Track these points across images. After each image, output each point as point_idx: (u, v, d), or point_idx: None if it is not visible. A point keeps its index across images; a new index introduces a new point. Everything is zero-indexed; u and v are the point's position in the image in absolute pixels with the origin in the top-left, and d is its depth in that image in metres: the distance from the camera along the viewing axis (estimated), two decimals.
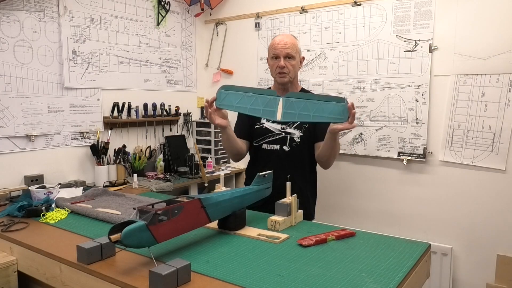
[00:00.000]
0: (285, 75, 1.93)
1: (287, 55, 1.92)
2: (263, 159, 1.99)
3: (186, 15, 3.32)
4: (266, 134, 2.00)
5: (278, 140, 1.98)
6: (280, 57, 1.92)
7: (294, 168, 1.94)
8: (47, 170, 2.40)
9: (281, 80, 1.95)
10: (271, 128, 1.98)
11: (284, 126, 1.96)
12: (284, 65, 1.91)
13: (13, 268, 1.50)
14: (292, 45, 1.94)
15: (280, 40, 1.95)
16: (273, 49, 1.96)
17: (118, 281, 1.12)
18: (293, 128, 1.97)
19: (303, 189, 1.96)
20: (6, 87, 2.22)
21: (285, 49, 1.92)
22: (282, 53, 1.92)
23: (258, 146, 2.03)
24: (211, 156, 3.33)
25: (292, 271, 1.15)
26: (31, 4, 2.32)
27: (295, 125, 1.97)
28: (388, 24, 2.56)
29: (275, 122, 1.95)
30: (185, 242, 1.36)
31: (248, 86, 1.71)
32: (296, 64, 1.97)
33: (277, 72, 1.95)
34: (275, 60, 1.95)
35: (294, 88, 2.04)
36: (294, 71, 1.97)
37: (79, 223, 1.65)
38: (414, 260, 1.24)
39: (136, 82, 2.95)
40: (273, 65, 1.97)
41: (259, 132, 2.02)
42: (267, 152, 2.00)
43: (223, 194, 1.44)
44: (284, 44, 1.93)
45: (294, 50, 1.94)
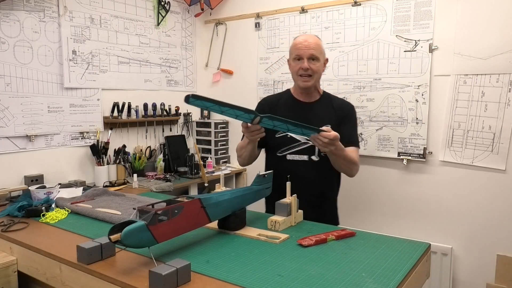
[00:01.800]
0: (309, 78, 1.79)
1: (311, 56, 1.77)
2: (288, 171, 1.70)
3: (186, 15, 3.32)
4: (291, 144, 1.82)
5: (305, 150, 1.80)
6: (304, 58, 1.77)
7: (324, 179, 1.85)
8: (47, 170, 2.40)
9: (304, 84, 1.81)
10: (297, 137, 1.74)
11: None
12: (308, 67, 1.77)
13: (13, 268, 1.50)
14: (317, 46, 1.80)
15: (304, 40, 1.80)
16: (296, 49, 1.80)
17: (118, 281, 1.12)
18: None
19: (331, 198, 1.93)
20: (6, 87, 2.22)
21: (309, 50, 1.77)
22: (306, 54, 1.77)
23: (281, 157, 1.85)
24: (211, 156, 3.33)
25: (292, 271, 1.15)
26: (31, 4, 2.32)
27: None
28: (388, 24, 2.56)
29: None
30: (185, 242, 1.36)
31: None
32: (320, 66, 1.82)
33: (299, 74, 1.80)
34: (297, 62, 1.80)
35: (316, 92, 1.90)
36: (318, 74, 1.82)
37: (79, 223, 1.65)
38: (414, 260, 1.24)
39: (136, 82, 2.95)
40: (295, 66, 1.82)
41: (282, 142, 1.82)
42: (293, 163, 1.82)
43: (223, 194, 1.44)
44: (309, 45, 1.77)
45: (318, 51, 1.79)
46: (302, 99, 1.89)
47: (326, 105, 1.89)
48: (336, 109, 1.87)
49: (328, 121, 1.73)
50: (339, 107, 1.90)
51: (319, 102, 1.90)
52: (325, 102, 1.90)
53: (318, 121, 1.71)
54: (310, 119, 1.76)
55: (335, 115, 1.85)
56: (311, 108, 1.88)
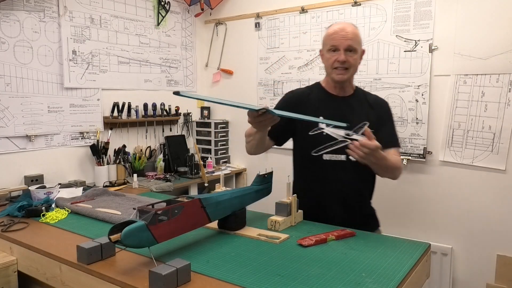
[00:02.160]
0: (345, 71, 1.62)
1: (349, 47, 1.60)
2: (325, 172, 1.64)
3: (186, 15, 3.32)
4: (328, 143, 1.63)
5: (343, 149, 1.57)
6: (341, 49, 1.59)
7: (362, 181, 1.72)
8: (47, 170, 2.40)
9: (340, 78, 1.64)
10: (334, 134, 1.60)
11: (350, 132, 1.57)
12: (345, 59, 1.59)
13: (13, 268, 1.50)
14: (355, 36, 1.62)
15: (340, 29, 1.61)
16: (331, 39, 1.62)
17: (118, 281, 1.12)
18: (360, 135, 1.57)
19: (368, 201, 1.80)
20: (6, 87, 2.22)
21: (346, 41, 1.59)
22: (343, 45, 1.59)
23: (317, 156, 1.66)
24: (211, 156, 3.33)
25: (292, 271, 1.15)
26: (31, 4, 2.32)
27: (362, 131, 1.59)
28: (388, 24, 2.56)
29: (338, 127, 1.58)
30: (185, 242, 1.36)
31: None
32: (357, 59, 1.65)
33: (335, 67, 1.62)
34: (332, 53, 1.62)
35: (350, 87, 1.74)
36: (355, 67, 1.65)
37: (79, 223, 1.65)
38: (414, 260, 1.24)
39: (136, 82, 2.95)
40: (329, 58, 1.63)
41: (317, 140, 1.65)
42: (330, 164, 1.65)
43: (223, 194, 1.44)
44: (346, 34, 1.59)
45: (356, 42, 1.62)
46: (335, 93, 1.72)
47: (362, 101, 1.72)
48: (373, 106, 1.72)
49: (366, 118, 1.62)
50: (377, 104, 1.74)
51: (354, 97, 1.73)
52: (360, 98, 1.74)
53: (356, 117, 1.62)
54: (347, 114, 1.63)
55: (373, 113, 1.69)
56: (348, 103, 1.70)
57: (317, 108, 1.67)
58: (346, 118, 1.54)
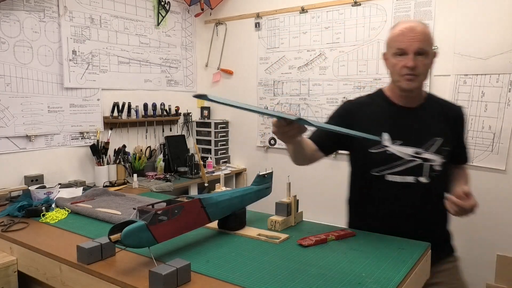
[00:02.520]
0: (415, 78, 1.37)
1: (419, 50, 1.35)
2: (390, 194, 1.43)
3: (186, 15, 3.32)
4: (393, 162, 1.42)
5: (411, 170, 1.40)
6: (409, 53, 1.35)
7: (435, 205, 1.45)
8: (47, 170, 2.40)
9: (409, 85, 1.38)
10: (400, 153, 1.40)
11: (419, 150, 1.39)
12: (414, 65, 1.35)
13: (13, 268, 1.50)
14: (426, 37, 1.37)
15: (408, 29, 1.37)
16: (397, 41, 1.38)
17: (118, 281, 1.12)
18: (432, 154, 1.40)
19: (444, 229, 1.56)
20: (6, 87, 2.22)
21: (416, 42, 1.34)
22: (412, 48, 1.35)
23: (379, 176, 1.44)
24: (211, 156, 3.33)
25: (292, 271, 1.15)
26: (31, 4, 2.32)
27: (434, 149, 1.41)
28: (388, 24, 2.56)
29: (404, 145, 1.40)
30: (185, 242, 1.36)
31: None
32: (429, 63, 1.40)
33: (403, 73, 1.37)
34: (399, 58, 1.38)
35: (420, 96, 1.48)
36: (425, 72, 1.40)
37: (79, 223, 1.65)
38: (414, 260, 1.24)
39: (136, 82, 2.95)
40: (396, 64, 1.39)
41: (380, 158, 1.43)
42: (395, 186, 1.42)
43: (223, 194, 1.44)
44: (415, 36, 1.35)
45: (427, 43, 1.37)
46: (402, 103, 1.46)
47: (434, 112, 1.47)
48: (448, 117, 1.48)
49: (439, 132, 1.42)
50: (452, 113, 1.50)
51: (425, 107, 1.47)
52: (433, 108, 1.48)
53: (427, 132, 1.42)
54: (416, 130, 1.43)
55: (448, 125, 1.47)
56: (417, 115, 1.45)
57: (378, 122, 1.45)
58: (414, 134, 1.38)
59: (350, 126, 1.37)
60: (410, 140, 1.41)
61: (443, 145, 1.42)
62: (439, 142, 1.41)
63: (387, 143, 1.42)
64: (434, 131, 1.43)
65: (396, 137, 1.41)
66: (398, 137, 1.41)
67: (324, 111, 2.87)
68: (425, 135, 1.41)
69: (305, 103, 2.96)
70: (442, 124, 1.46)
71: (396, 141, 1.41)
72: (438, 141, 1.41)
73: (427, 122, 1.45)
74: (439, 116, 1.47)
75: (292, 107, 3.03)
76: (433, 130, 1.43)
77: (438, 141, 1.41)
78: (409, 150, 1.40)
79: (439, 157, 1.41)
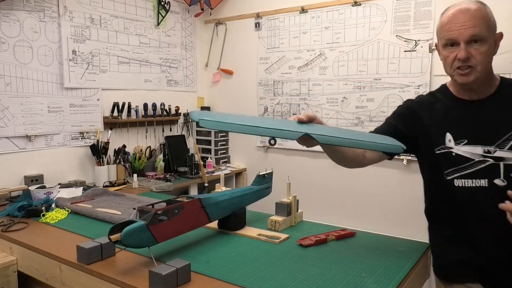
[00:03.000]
0: (471, 71, 1.20)
1: (472, 37, 1.17)
2: (461, 201, 1.25)
3: (186, 15, 3.32)
4: (460, 165, 1.25)
5: (483, 172, 1.22)
6: (460, 42, 1.19)
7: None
8: (47, 170, 2.40)
9: (464, 80, 1.22)
10: (468, 154, 1.24)
11: (491, 149, 1.22)
12: (466, 56, 1.18)
13: (13, 268, 1.50)
14: (480, 20, 1.18)
15: (457, 15, 1.19)
16: (446, 31, 1.21)
17: (118, 281, 1.12)
18: (507, 150, 1.21)
19: None
20: (6, 87, 2.22)
21: (467, 29, 1.17)
22: (462, 37, 1.18)
23: (447, 181, 1.26)
24: (211, 156, 3.33)
25: (292, 271, 1.15)
26: (31, 4, 2.31)
27: (510, 145, 1.21)
28: (388, 24, 2.56)
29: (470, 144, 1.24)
30: (185, 242, 1.36)
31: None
32: (488, 50, 1.20)
33: (455, 67, 1.22)
34: (450, 49, 1.22)
35: (488, 85, 1.28)
36: (485, 61, 1.21)
37: (79, 223, 1.65)
38: (414, 260, 1.24)
39: (136, 82, 2.95)
40: (447, 56, 1.24)
41: (446, 160, 1.27)
42: (465, 191, 1.24)
43: (223, 194, 1.44)
44: (465, 22, 1.17)
45: (484, 28, 1.18)
46: (467, 97, 1.29)
47: (509, 100, 1.26)
48: None
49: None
50: None
51: (495, 97, 1.27)
52: (507, 95, 1.27)
53: (498, 127, 1.22)
54: (487, 124, 1.24)
55: None
56: (485, 107, 1.26)
57: (443, 121, 1.29)
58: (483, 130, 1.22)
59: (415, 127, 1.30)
60: (478, 137, 1.23)
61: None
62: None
63: (450, 144, 1.26)
64: (510, 123, 1.21)
65: (462, 136, 1.25)
66: (464, 135, 1.24)
67: (324, 111, 2.87)
68: (498, 130, 1.21)
69: (305, 103, 2.96)
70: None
71: (462, 141, 1.24)
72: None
73: (499, 115, 1.24)
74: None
75: (292, 107, 3.03)
76: (507, 122, 1.22)
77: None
78: (478, 149, 1.22)
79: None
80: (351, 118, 2.76)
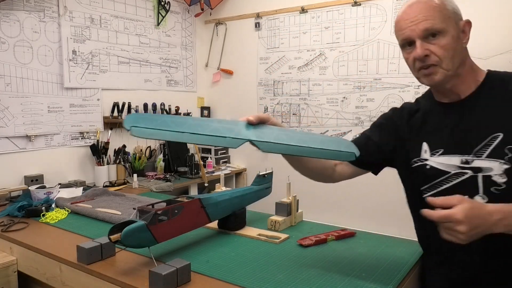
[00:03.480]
0: (435, 69, 1.02)
1: (426, 32, 1.01)
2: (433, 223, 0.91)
3: (186, 15, 3.32)
4: (436, 179, 1.07)
5: (460, 187, 1.02)
6: (415, 40, 1.03)
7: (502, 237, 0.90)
8: (47, 170, 2.40)
9: (430, 81, 1.05)
10: (442, 166, 1.04)
11: (469, 158, 1.00)
12: (423, 54, 1.01)
13: (13, 268, 1.50)
14: (432, 11, 1.01)
15: (406, 11, 1.05)
16: (399, 31, 1.08)
17: (118, 281, 1.12)
18: (486, 159, 0.98)
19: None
20: (6, 87, 2.22)
21: (419, 24, 1.01)
22: (415, 33, 1.02)
23: (423, 200, 0.97)
24: (211, 156, 3.33)
25: (292, 271, 1.15)
26: (31, 4, 2.31)
27: (488, 152, 0.99)
28: (388, 24, 2.56)
29: (446, 154, 1.05)
30: (185, 242, 1.36)
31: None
32: (451, 42, 1.02)
33: (417, 68, 1.06)
34: (408, 50, 1.07)
35: (467, 83, 1.08)
36: (450, 55, 1.02)
37: (79, 223, 1.65)
38: (414, 260, 1.24)
39: (136, 82, 2.95)
40: (407, 58, 1.09)
41: (421, 175, 1.10)
42: None
43: (223, 194, 1.44)
44: (415, 17, 1.02)
45: (438, 19, 1.01)
46: (446, 99, 1.10)
47: (495, 96, 1.04)
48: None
49: (501, 125, 0.99)
50: None
51: (477, 96, 1.06)
52: (492, 91, 1.05)
53: (481, 129, 1.01)
54: (464, 129, 1.04)
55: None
56: (464, 110, 1.06)
57: (418, 129, 1.13)
58: (460, 135, 1.03)
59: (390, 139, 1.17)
60: (455, 145, 1.03)
61: (507, 143, 0.96)
62: (500, 139, 0.96)
63: (426, 155, 1.07)
64: (491, 125, 0.99)
65: (438, 145, 1.06)
66: (440, 144, 1.06)
67: (324, 111, 2.87)
68: (477, 134, 1.00)
69: (305, 103, 2.96)
70: (506, 111, 1.00)
71: (437, 150, 1.05)
72: (499, 139, 0.96)
73: (481, 116, 1.02)
74: (502, 101, 1.02)
75: (292, 107, 3.03)
76: (489, 124, 1.00)
77: (496, 138, 0.96)
78: (454, 159, 1.01)
79: (499, 163, 0.96)
80: (351, 118, 2.76)
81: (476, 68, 1.13)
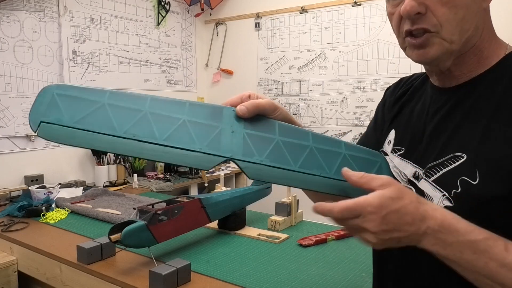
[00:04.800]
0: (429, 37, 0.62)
1: None
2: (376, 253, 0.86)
3: (186, 15, 3.32)
4: None
5: None
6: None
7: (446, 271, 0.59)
8: (47, 170, 2.40)
9: (419, 57, 0.65)
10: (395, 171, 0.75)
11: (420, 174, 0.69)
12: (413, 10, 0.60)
13: (13, 268, 1.50)
14: None
15: None
16: None
17: (118, 281, 1.12)
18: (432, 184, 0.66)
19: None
20: (6, 87, 2.22)
21: None
22: None
23: None
24: None
25: (292, 271, 1.15)
26: (31, 4, 2.31)
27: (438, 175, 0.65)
28: (388, 24, 2.55)
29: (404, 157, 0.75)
30: (185, 242, 1.36)
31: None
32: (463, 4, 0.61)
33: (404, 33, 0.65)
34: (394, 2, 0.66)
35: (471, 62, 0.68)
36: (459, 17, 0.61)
37: (79, 223, 1.65)
38: None
39: (136, 82, 2.95)
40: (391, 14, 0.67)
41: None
42: None
43: (223, 194, 1.44)
44: None
45: None
46: (440, 83, 0.72)
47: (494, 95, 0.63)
48: None
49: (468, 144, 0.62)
50: None
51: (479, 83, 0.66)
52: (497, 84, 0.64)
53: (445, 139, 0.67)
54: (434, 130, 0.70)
55: None
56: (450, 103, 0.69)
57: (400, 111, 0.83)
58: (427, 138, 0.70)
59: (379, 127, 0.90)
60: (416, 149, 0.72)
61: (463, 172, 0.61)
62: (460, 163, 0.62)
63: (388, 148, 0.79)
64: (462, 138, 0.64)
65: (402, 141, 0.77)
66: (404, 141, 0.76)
67: (324, 111, 2.87)
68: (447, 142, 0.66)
69: (305, 103, 2.96)
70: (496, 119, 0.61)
71: (400, 148, 0.76)
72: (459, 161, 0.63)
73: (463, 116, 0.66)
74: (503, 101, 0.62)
75: (292, 107, 3.03)
76: (462, 134, 0.65)
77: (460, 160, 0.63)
78: (408, 168, 0.72)
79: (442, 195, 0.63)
80: (351, 118, 2.76)
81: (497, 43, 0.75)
